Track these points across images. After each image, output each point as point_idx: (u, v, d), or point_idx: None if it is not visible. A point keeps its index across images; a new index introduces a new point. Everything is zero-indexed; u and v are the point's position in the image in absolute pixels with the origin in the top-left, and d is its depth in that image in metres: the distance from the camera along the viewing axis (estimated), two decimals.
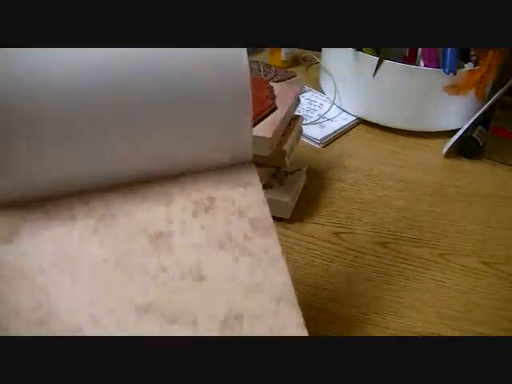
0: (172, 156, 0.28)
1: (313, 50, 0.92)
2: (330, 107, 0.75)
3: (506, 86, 0.65)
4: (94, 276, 0.25)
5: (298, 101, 0.53)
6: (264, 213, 0.28)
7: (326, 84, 0.78)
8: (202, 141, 0.28)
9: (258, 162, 0.48)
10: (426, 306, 0.44)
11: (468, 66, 0.68)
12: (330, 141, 0.68)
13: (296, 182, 0.53)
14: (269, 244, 0.27)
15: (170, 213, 0.27)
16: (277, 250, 0.27)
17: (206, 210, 0.28)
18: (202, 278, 0.26)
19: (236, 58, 0.26)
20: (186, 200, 0.28)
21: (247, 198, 0.29)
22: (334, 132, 0.69)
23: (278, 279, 0.26)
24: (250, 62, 0.86)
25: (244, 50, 0.26)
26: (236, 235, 0.27)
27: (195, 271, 0.26)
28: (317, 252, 0.49)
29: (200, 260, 0.26)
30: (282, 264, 0.27)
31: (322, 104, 0.77)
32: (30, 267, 0.24)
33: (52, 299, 0.24)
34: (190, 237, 0.27)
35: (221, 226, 0.27)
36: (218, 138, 0.28)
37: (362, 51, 0.67)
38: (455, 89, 0.65)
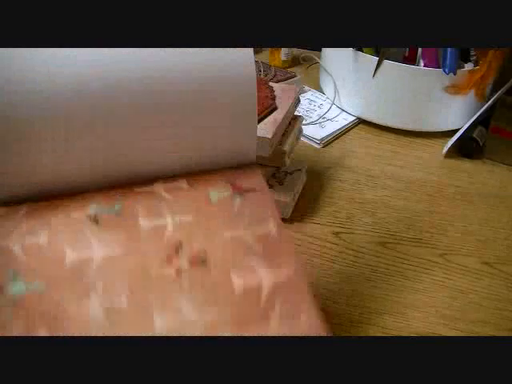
0: (175, 157, 0.28)
1: (313, 50, 0.92)
2: (330, 107, 0.75)
3: (506, 86, 0.65)
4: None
5: (298, 101, 0.53)
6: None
7: (326, 84, 0.78)
8: (205, 142, 0.28)
9: (257, 162, 0.48)
10: (426, 306, 0.44)
11: (468, 66, 0.68)
12: (330, 141, 0.68)
13: (296, 182, 0.53)
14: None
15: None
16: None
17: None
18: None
19: (243, 59, 0.26)
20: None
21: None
22: (333, 132, 0.69)
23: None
24: None
25: (251, 51, 0.26)
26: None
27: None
28: (317, 252, 0.49)
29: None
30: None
31: (321, 104, 0.77)
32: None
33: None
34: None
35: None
36: (222, 139, 0.28)
37: (362, 51, 0.67)
38: (455, 89, 0.65)
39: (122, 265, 0.26)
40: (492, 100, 0.65)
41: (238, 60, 0.26)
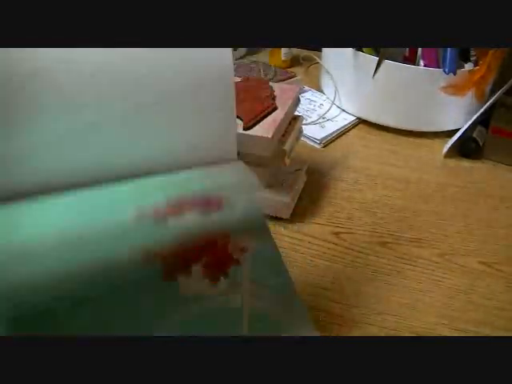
0: (154, 154, 0.28)
1: (313, 50, 0.92)
2: (330, 107, 0.75)
3: (505, 86, 0.65)
4: None
5: (298, 101, 0.53)
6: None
7: (326, 84, 0.78)
8: (182, 140, 0.28)
9: (258, 162, 0.48)
10: (426, 306, 0.44)
11: (468, 66, 0.68)
12: (330, 141, 0.68)
13: (296, 182, 0.53)
14: None
15: None
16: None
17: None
18: None
19: (220, 56, 0.26)
20: None
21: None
22: (333, 132, 0.69)
23: None
24: (250, 62, 0.86)
25: (228, 49, 0.26)
26: None
27: None
28: (317, 252, 0.49)
29: None
30: None
31: (321, 104, 0.77)
32: None
33: None
34: None
35: None
36: (199, 136, 0.28)
37: (362, 51, 0.67)
38: (455, 89, 0.65)
39: None
40: (492, 100, 0.65)
41: (215, 55, 0.26)
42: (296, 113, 0.54)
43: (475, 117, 0.66)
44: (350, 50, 0.69)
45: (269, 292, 0.25)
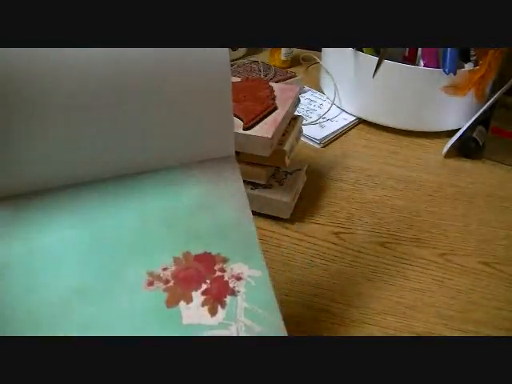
0: (150, 152, 0.28)
1: (313, 50, 0.92)
2: (330, 107, 0.75)
3: (505, 86, 0.65)
4: None
5: (298, 101, 0.53)
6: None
7: (326, 84, 0.78)
8: (181, 138, 0.28)
9: (257, 162, 0.48)
10: (426, 306, 0.44)
11: (468, 66, 0.68)
12: (329, 141, 0.68)
13: (296, 182, 0.53)
14: None
15: None
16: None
17: None
18: None
19: (217, 56, 0.26)
20: None
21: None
22: (333, 132, 0.69)
23: None
24: (250, 62, 0.86)
25: (225, 49, 0.26)
26: None
27: None
28: (317, 252, 0.49)
29: None
30: None
31: (321, 104, 0.77)
32: None
33: None
34: None
35: None
36: (196, 135, 0.28)
37: (362, 51, 0.67)
38: (455, 89, 0.65)
39: None
40: (492, 100, 0.65)
41: (212, 55, 0.26)
42: (296, 113, 0.54)
43: (475, 117, 0.66)
44: (349, 50, 0.69)
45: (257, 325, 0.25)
